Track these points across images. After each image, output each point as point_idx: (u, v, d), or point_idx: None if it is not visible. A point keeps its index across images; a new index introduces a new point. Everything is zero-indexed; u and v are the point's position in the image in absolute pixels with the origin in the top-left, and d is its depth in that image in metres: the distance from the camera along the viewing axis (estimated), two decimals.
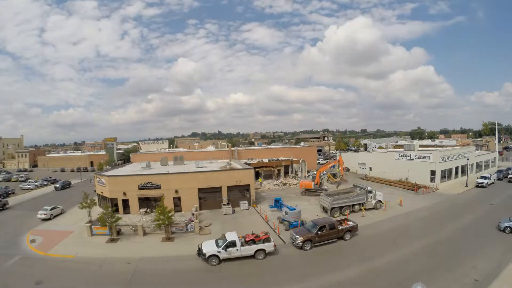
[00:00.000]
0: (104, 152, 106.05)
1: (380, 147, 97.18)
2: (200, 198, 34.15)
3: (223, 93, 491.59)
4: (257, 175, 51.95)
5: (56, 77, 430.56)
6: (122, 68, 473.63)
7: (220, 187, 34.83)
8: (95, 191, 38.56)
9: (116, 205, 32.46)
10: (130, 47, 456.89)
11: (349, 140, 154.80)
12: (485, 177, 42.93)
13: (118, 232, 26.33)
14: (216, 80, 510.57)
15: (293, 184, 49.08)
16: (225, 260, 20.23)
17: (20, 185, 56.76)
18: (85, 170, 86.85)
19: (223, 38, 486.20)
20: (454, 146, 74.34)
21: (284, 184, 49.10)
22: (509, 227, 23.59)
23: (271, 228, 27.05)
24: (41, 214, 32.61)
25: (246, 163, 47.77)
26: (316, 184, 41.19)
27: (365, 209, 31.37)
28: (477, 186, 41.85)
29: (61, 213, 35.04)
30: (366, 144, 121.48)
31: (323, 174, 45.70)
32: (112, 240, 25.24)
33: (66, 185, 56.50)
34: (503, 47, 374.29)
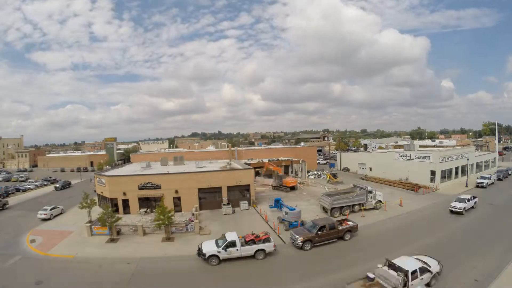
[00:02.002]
0: (104, 152, 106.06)
1: (380, 147, 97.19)
2: (200, 198, 34.14)
3: (230, 88, 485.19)
4: (257, 175, 51.91)
5: (49, 68, 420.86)
6: (118, 57, 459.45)
7: (220, 187, 34.82)
8: (95, 191, 38.57)
9: (116, 205, 32.46)
10: (128, 29, 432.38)
11: (349, 140, 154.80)
12: (485, 177, 42.91)
13: (118, 232, 26.32)
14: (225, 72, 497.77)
15: None
16: (225, 260, 20.22)
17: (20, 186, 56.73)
18: (85, 170, 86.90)
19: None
20: (454, 146, 74.35)
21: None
22: None
23: (271, 228, 27.05)
24: (41, 214, 32.61)
25: (246, 163, 47.79)
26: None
27: (365, 209, 31.37)
28: (477, 186, 41.82)
29: (61, 213, 35.03)
30: (366, 144, 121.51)
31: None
32: (112, 240, 25.23)
33: (66, 185, 56.49)
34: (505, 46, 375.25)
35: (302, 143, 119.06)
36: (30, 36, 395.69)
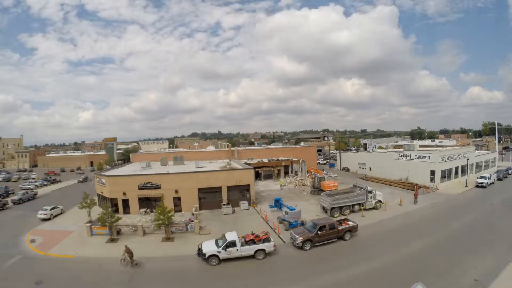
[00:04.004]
0: (104, 152, 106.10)
1: (380, 147, 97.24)
2: (200, 198, 34.13)
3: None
4: (257, 175, 51.91)
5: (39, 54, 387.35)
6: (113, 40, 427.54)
7: (220, 187, 34.82)
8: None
9: (116, 205, 32.46)
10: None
11: (349, 140, 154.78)
12: (485, 177, 42.90)
13: (118, 232, 26.32)
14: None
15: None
16: (225, 260, 20.22)
17: (20, 185, 56.83)
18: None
19: None
20: (454, 146, 74.37)
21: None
22: None
23: (271, 228, 27.04)
24: (41, 214, 32.58)
25: (246, 163, 47.75)
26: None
27: (365, 209, 31.36)
28: (477, 186, 41.82)
29: (61, 213, 35.02)
30: (366, 144, 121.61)
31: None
32: (112, 240, 25.23)
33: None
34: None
35: (302, 143, 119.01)
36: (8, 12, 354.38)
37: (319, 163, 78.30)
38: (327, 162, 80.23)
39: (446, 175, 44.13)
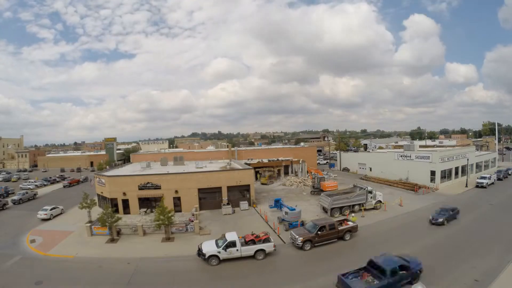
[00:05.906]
0: (104, 152, 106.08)
1: (380, 147, 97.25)
2: (200, 198, 34.12)
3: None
4: (257, 176, 51.82)
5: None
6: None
7: (220, 187, 34.82)
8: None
9: (116, 205, 32.44)
10: None
11: (349, 140, 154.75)
12: (485, 177, 42.89)
13: (118, 232, 26.31)
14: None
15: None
16: (225, 260, 20.22)
17: (20, 185, 56.83)
18: (85, 170, 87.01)
19: None
20: (454, 146, 74.35)
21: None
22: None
23: (271, 228, 27.04)
24: (41, 214, 32.59)
25: (246, 163, 47.76)
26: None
27: (365, 210, 31.36)
28: (477, 186, 41.82)
29: (61, 213, 35.01)
30: (366, 144, 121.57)
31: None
32: (112, 240, 25.23)
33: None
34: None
35: (302, 143, 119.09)
36: None
37: (319, 163, 78.24)
38: (327, 162, 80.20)
39: (446, 175, 44.14)
